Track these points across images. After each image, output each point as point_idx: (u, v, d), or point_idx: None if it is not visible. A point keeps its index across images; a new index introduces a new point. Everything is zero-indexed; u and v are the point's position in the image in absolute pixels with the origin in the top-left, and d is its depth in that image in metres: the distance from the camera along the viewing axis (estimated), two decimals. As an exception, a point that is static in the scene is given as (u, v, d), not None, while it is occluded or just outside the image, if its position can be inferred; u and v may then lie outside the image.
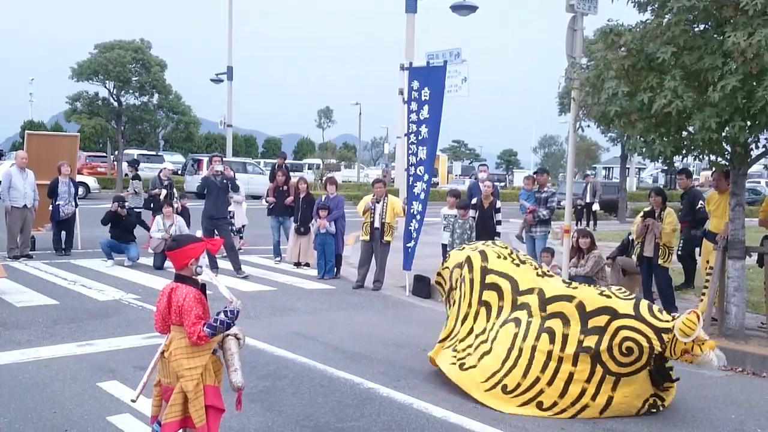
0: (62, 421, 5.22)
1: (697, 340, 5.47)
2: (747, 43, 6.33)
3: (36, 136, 16.49)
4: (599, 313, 5.78)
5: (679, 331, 5.47)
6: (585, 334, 5.76)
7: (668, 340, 5.54)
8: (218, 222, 11.83)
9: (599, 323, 5.74)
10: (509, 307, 6.29)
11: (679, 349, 5.53)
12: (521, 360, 5.91)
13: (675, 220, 9.44)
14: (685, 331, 5.44)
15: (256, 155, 60.73)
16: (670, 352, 5.58)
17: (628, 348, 5.60)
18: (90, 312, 8.80)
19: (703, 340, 5.51)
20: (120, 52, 30.87)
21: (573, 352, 5.73)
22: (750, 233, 8.59)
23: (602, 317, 5.75)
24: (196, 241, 4.27)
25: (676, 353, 5.57)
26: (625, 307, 5.75)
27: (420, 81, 10.76)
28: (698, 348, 5.49)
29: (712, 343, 5.57)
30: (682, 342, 5.48)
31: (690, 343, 5.47)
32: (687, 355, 5.56)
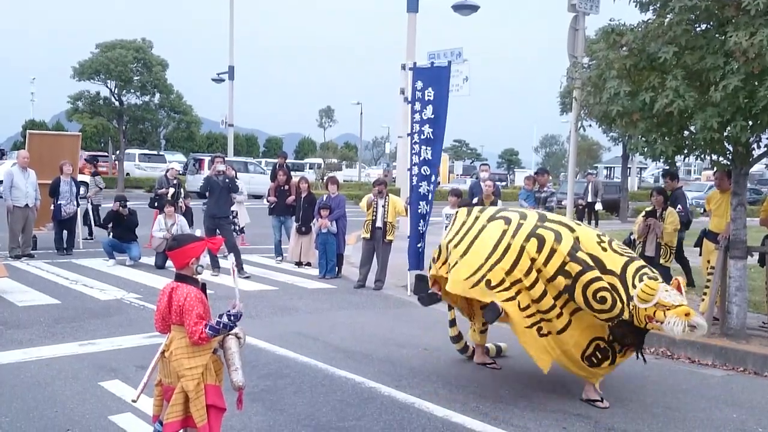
0: (64, 420, 5.23)
1: (659, 305, 5.22)
2: (749, 42, 6.33)
3: (38, 136, 16.50)
4: (589, 257, 5.62)
5: (637, 298, 5.30)
6: (571, 260, 5.61)
7: (633, 308, 5.39)
8: (220, 221, 11.83)
9: (587, 260, 5.58)
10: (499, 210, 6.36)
11: (642, 315, 5.34)
12: (508, 255, 5.77)
13: (677, 220, 9.43)
14: (642, 297, 5.26)
15: (258, 155, 60.78)
16: (637, 320, 5.41)
17: (602, 297, 5.48)
18: (92, 311, 8.81)
19: (669, 305, 5.21)
20: (121, 51, 30.89)
21: (553, 273, 5.62)
22: (751, 233, 8.58)
23: (590, 260, 5.59)
24: (197, 241, 4.27)
25: (641, 321, 5.38)
26: (613, 263, 5.58)
27: (424, 81, 10.75)
28: (661, 313, 5.21)
29: (683, 308, 5.20)
30: (643, 309, 5.29)
31: (651, 308, 5.25)
32: (652, 323, 5.33)
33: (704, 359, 7.61)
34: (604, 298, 5.46)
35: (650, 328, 5.44)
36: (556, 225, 5.89)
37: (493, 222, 6.11)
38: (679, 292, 5.34)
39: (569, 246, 5.67)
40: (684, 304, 5.23)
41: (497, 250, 5.82)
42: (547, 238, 5.73)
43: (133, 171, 37.36)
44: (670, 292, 5.28)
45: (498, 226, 6.00)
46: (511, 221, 5.99)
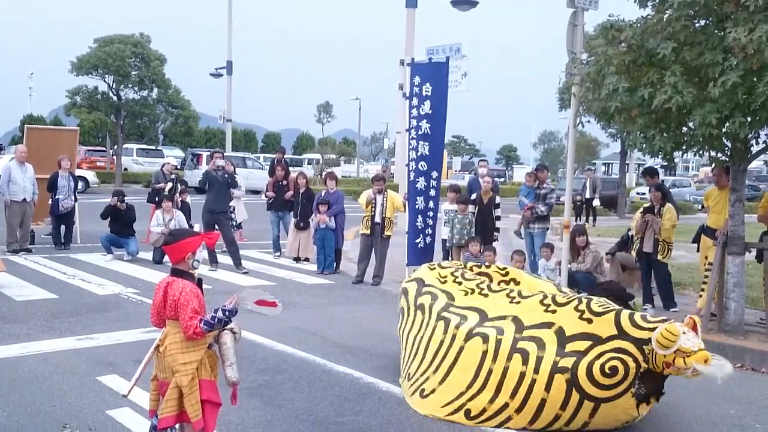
0: (61, 414, 5.23)
1: (679, 352, 4.84)
2: (748, 38, 6.32)
3: (35, 130, 16.49)
4: (580, 338, 5.18)
5: (656, 342, 4.86)
6: (561, 357, 5.14)
7: (648, 352, 4.97)
8: (219, 216, 11.82)
9: (579, 348, 5.14)
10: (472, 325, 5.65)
11: (660, 361, 4.94)
12: (490, 382, 5.33)
13: (674, 216, 9.44)
14: (662, 342, 4.82)
15: (256, 150, 60.72)
16: (652, 365, 5.00)
17: (612, 368, 4.97)
18: (89, 306, 8.81)
19: (689, 351, 4.84)
20: (119, 46, 30.84)
21: (547, 377, 5.12)
22: (749, 229, 8.59)
23: (583, 342, 5.15)
24: (193, 235, 4.25)
25: (658, 366, 4.98)
26: (608, 329, 5.13)
27: (422, 77, 10.74)
28: (681, 360, 4.84)
29: (703, 354, 4.85)
30: (662, 354, 4.89)
31: (671, 355, 4.86)
32: (671, 368, 4.93)
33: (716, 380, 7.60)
34: (615, 368, 4.98)
35: (667, 373, 5.05)
36: (534, 330, 5.37)
37: (471, 341, 5.54)
38: (695, 333, 5.00)
39: (555, 345, 5.22)
40: (702, 349, 4.90)
41: (479, 378, 5.39)
42: (530, 350, 5.26)
43: (131, 166, 37.33)
44: (689, 335, 4.93)
45: (477, 347, 5.48)
46: (488, 338, 5.45)
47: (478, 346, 5.48)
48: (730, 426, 5.61)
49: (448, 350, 5.67)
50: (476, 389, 5.38)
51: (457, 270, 6.61)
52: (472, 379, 5.42)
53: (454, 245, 11.08)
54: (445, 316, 5.86)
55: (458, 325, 5.70)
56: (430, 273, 6.64)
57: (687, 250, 13.57)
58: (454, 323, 5.74)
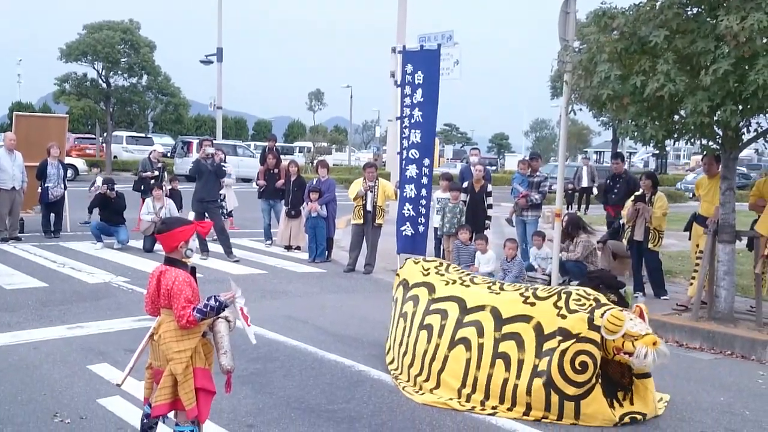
0: (52, 403, 5.21)
1: (627, 336, 5.04)
2: (740, 26, 6.32)
3: (24, 118, 16.36)
4: (553, 335, 5.27)
5: (604, 329, 5.05)
6: (539, 358, 5.28)
7: (599, 339, 5.12)
8: (209, 205, 11.78)
9: (552, 345, 5.24)
10: (453, 325, 5.82)
11: (610, 347, 5.13)
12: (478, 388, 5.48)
13: (665, 204, 9.46)
14: (609, 328, 5.03)
15: (247, 138, 60.50)
16: (604, 351, 5.17)
17: (581, 363, 5.09)
18: (80, 294, 8.77)
19: (636, 335, 5.04)
20: (109, 32, 30.60)
21: (527, 381, 5.26)
22: (740, 217, 8.62)
23: (555, 339, 5.25)
24: (186, 224, 4.24)
25: (609, 352, 5.17)
26: (579, 326, 5.19)
27: (413, 64, 10.69)
28: (629, 344, 5.03)
29: (651, 338, 5.05)
30: (611, 341, 5.08)
31: (620, 339, 5.05)
32: (620, 354, 5.11)
33: (692, 343, 7.66)
34: (584, 363, 5.09)
35: (618, 359, 5.21)
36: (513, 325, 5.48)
37: (455, 349, 5.68)
38: (643, 320, 5.23)
39: (534, 344, 5.34)
40: (650, 333, 5.10)
41: (467, 384, 5.54)
42: (511, 354, 5.40)
43: (120, 154, 37.13)
44: (635, 321, 5.15)
45: (461, 356, 5.63)
46: (471, 345, 5.60)
47: (462, 355, 5.64)
48: (720, 413, 5.64)
49: (433, 359, 5.83)
50: (467, 394, 5.54)
51: (442, 265, 6.80)
52: (460, 386, 5.58)
53: (445, 233, 11.08)
54: (427, 324, 6.01)
55: (441, 332, 5.85)
56: (414, 268, 6.78)
57: (678, 238, 13.63)
58: (436, 330, 5.89)
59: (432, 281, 6.39)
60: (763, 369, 6.91)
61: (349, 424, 5.07)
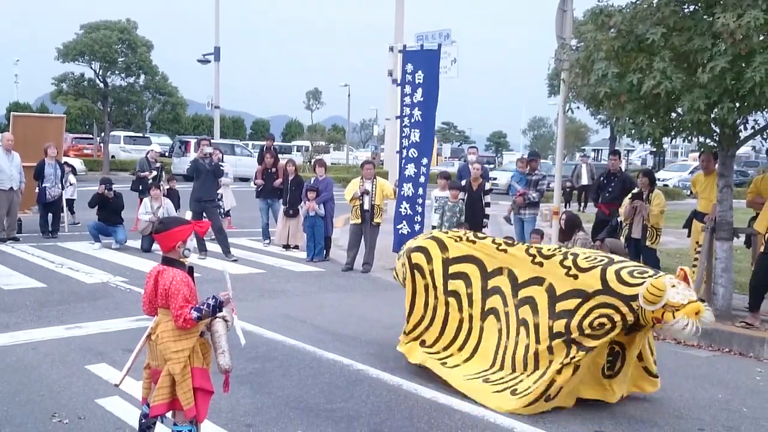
0: (50, 403, 5.21)
1: (668, 307, 4.86)
2: (736, 24, 6.32)
3: (22, 118, 16.35)
4: (569, 296, 5.39)
5: (643, 299, 4.93)
6: (553, 320, 5.41)
7: (637, 308, 5.04)
8: (206, 204, 11.77)
9: (568, 307, 5.36)
10: (479, 293, 6.01)
11: (649, 317, 5.00)
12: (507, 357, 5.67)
13: (663, 202, 9.47)
14: (648, 298, 4.88)
15: (244, 137, 60.45)
16: (642, 319, 5.09)
17: (600, 323, 5.17)
18: (78, 295, 8.76)
19: (677, 305, 4.85)
20: (106, 32, 30.58)
21: (547, 345, 5.40)
22: (738, 214, 8.63)
23: (572, 301, 5.35)
24: (184, 224, 4.23)
25: (648, 321, 5.06)
26: (594, 283, 5.27)
27: (414, 64, 10.70)
28: (670, 315, 4.87)
29: (693, 306, 4.85)
30: (650, 310, 4.95)
31: (659, 310, 4.90)
32: (660, 323, 5.01)
33: (690, 340, 7.65)
34: (602, 324, 5.16)
35: (658, 328, 5.17)
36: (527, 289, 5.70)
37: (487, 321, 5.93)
38: (687, 284, 5.01)
39: (547, 307, 5.51)
40: (693, 300, 4.89)
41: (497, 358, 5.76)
42: (528, 320, 5.60)
43: (118, 153, 37.11)
44: (678, 288, 4.91)
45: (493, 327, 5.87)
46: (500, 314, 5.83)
47: (494, 326, 5.88)
48: (718, 410, 5.65)
49: (469, 333, 6.05)
50: (497, 367, 5.74)
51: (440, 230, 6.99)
52: (492, 360, 5.79)
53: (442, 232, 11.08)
54: (452, 291, 6.14)
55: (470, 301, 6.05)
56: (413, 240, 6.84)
57: (676, 235, 13.65)
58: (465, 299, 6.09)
59: (440, 237, 6.48)
60: (761, 366, 6.92)
61: (347, 423, 5.07)
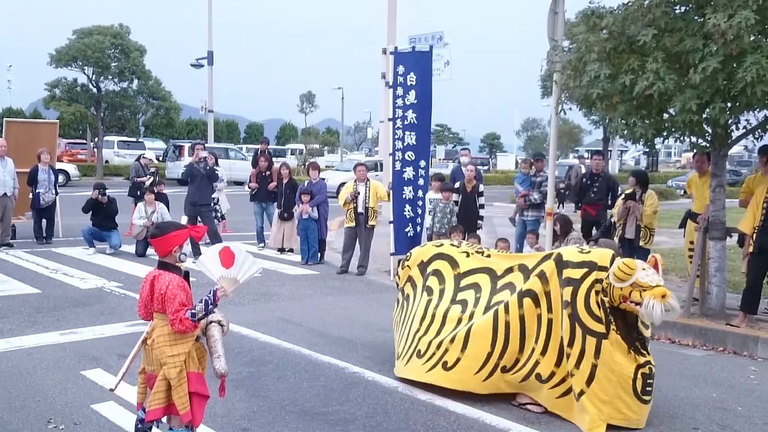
0: (46, 409, 5.20)
1: (636, 286, 4.94)
2: (727, 24, 6.36)
3: (15, 124, 16.27)
4: (577, 266, 5.29)
5: (613, 275, 4.99)
6: (563, 287, 5.28)
7: (606, 286, 5.10)
8: (201, 209, 11.78)
9: (575, 275, 5.26)
10: (487, 294, 5.87)
11: (617, 294, 5.04)
12: (512, 332, 5.45)
13: (656, 202, 9.49)
14: (619, 275, 4.95)
15: (238, 141, 60.37)
16: (610, 298, 5.10)
17: (600, 300, 5.14)
18: (72, 300, 8.75)
19: (646, 285, 4.92)
20: (99, 37, 30.55)
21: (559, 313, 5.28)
22: (731, 214, 8.66)
23: (579, 270, 5.26)
24: (180, 228, 4.23)
25: (615, 299, 5.08)
26: (603, 260, 5.27)
27: (405, 66, 10.71)
28: (637, 294, 4.93)
29: (661, 290, 4.91)
30: (618, 287, 5.00)
31: (627, 288, 4.96)
32: (627, 303, 5.03)
33: (684, 339, 7.69)
34: (602, 301, 5.15)
35: (624, 308, 5.13)
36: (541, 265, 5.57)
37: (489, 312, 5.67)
38: (656, 271, 5.12)
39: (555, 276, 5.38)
40: (661, 285, 4.98)
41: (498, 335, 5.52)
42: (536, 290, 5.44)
43: (112, 158, 37.01)
44: (648, 272, 5.03)
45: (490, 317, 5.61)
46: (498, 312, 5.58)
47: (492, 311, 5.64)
48: (712, 409, 5.67)
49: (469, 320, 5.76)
50: (502, 343, 5.48)
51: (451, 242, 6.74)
52: (493, 335, 5.52)
53: (435, 233, 11.10)
54: (461, 299, 5.97)
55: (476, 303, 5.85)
56: (423, 249, 6.62)
57: (669, 235, 13.70)
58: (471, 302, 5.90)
59: (450, 253, 6.28)
60: (755, 365, 6.94)
61: (343, 426, 5.07)
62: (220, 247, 4.28)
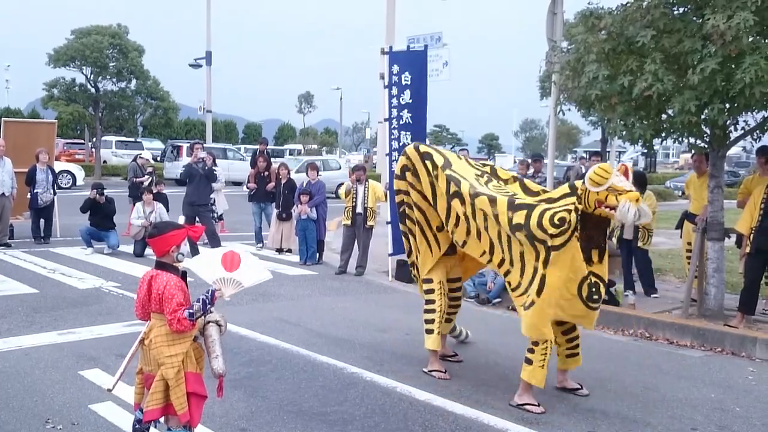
0: (44, 409, 5.19)
1: (611, 190, 5.08)
2: (726, 25, 6.37)
3: (13, 124, 16.25)
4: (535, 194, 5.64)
5: (589, 180, 5.11)
6: (513, 211, 5.39)
7: (582, 192, 5.23)
8: (199, 209, 11.77)
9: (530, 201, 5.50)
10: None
11: (592, 200, 5.17)
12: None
13: (654, 203, 9.50)
14: (595, 179, 5.08)
15: (236, 141, 60.36)
16: (585, 204, 5.22)
17: (561, 218, 5.17)
18: (70, 300, 8.74)
19: (621, 189, 5.08)
20: (97, 37, 30.52)
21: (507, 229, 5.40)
22: (729, 215, 8.67)
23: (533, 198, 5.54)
24: (178, 228, 4.23)
25: (590, 205, 5.20)
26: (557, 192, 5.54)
27: (400, 65, 10.71)
28: (613, 198, 5.07)
29: (634, 194, 5.07)
30: (594, 192, 5.13)
31: (603, 192, 5.10)
32: (602, 208, 5.15)
33: (682, 340, 7.69)
34: (563, 219, 5.18)
35: (598, 213, 5.22)
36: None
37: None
38: (626, 178, 5.23)
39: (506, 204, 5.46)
40: (633, 190, 5.12)
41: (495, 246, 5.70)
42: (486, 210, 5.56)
43: (110, 158, 36.97)
44: (621, 178, 5.15)
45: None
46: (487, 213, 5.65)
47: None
48: (710, 409, 5.67)
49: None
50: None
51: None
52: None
53: None
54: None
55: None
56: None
57: (667, 236, 13.71)
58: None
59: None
60: (753, 365, 6.95)
61: (342, 426, 5.07)
62: (225, 250, 4.29)
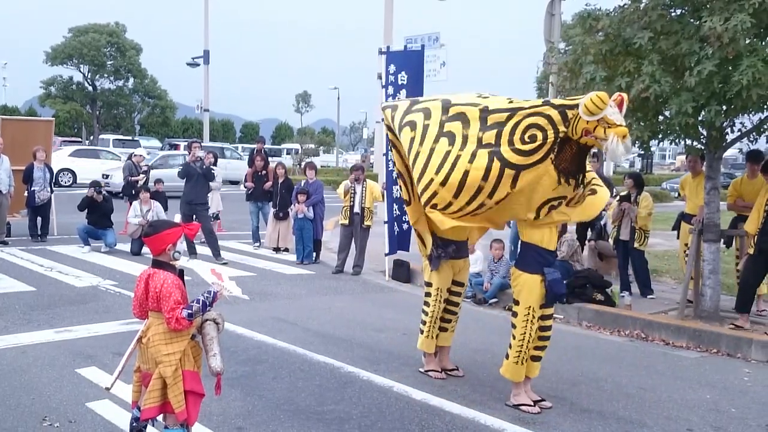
0: (41, 407, 5.19)
1: (602, 121, 4.89)
2: (723, 27, 6.39)
3: (10, 122, 16.24)
4: (501, 111, 5.21)
5: (584, 107, 4.89)
6: (484, 131, 5.17)
7: (572, 117, 4.99)
8: (197, 207, 11.77)
9: (499, 119, 5.16)
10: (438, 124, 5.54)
11: (581, 128, 4.97)
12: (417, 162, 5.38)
13: (651, 204, 9.52)
14: (590, 108, 4.86)
15: (234, 140, 60.33)
16: (572, 131, 5.01)
17: (531, 136, 5.02)
18: (67, 298, 8.73)
19: (612, 123, 4.89)
20: (94, 35, 30.60)
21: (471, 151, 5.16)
22: (725, 217, 8.69)
23: (503, 114, 5.18)
24: (173, 227, 4.23)
25: (577, 132, 5.00)
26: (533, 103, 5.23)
27: (397, 65, 10.72)
28: (602, 130, 4.89)
29: (623, 129, 4.90)
30: (585, 120, 4.92)
31: (593, 123, 4.90)
32: (589, 137, 4.99)
33: (678, 341, 7.71)
34: (534, 136, 5.04)
35: (583, 142, 5.07)
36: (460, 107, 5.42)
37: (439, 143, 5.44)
38: (621, 109, 5.02)
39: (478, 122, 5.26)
40: (623, 125, 4.96)
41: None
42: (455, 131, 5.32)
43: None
44: (615, 110, 4.97)
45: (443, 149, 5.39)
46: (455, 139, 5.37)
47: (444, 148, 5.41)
48: (706, 410, 5.69)
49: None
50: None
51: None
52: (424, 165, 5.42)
53: None
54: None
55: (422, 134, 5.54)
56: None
57: (664, 237, 13.74)
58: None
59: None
60: (749, 366, 6.97)
61: (338, 425, 5.08)
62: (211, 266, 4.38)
